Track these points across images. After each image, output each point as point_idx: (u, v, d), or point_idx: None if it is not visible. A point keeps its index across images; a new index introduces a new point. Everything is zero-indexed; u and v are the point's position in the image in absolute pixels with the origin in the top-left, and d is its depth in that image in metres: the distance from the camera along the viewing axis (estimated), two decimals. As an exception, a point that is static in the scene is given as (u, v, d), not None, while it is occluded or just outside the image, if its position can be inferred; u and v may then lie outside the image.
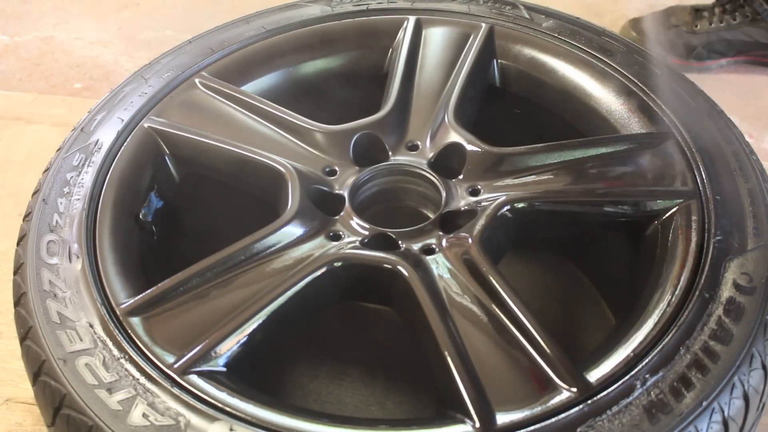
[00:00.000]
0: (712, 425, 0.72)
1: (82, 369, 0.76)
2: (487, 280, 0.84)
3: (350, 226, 0.92)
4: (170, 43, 1.18)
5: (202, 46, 1.13)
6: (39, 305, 0.82)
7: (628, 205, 0.93)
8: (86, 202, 0.91)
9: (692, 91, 1.03)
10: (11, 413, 1.06)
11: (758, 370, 0.77)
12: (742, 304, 0.80)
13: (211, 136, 1.00)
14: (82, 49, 1.93)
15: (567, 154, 0.97)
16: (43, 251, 0.87)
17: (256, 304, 0.82)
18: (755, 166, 0.94)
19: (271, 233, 0.89)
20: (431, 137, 1.03)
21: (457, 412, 0.74)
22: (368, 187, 1.00)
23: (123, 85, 1.08)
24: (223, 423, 0.72)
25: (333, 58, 1.17)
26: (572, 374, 0.75)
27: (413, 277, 0.84)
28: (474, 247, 0.87)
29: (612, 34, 1.13)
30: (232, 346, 0.80)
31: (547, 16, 1.16)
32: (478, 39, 1.12)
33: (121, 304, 0.82)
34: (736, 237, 0.86)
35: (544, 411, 0.73)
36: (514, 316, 0.80)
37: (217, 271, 0.86)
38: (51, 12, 2.06)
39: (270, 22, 1.17)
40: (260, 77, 1.13)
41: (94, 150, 0.98)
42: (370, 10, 1.19)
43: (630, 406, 0.72)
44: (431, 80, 1.10)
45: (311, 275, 0.85)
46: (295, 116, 1.03)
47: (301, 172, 0.96)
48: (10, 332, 0.96)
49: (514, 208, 0.92)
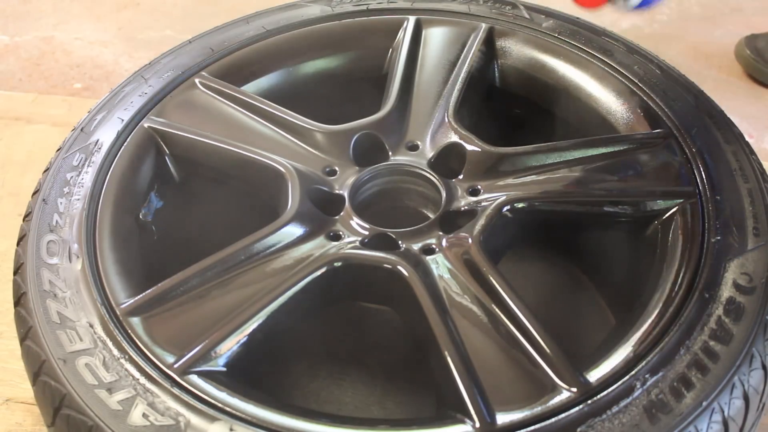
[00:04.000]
0: (712, 425, 0.72)
1: (82, 369, 0.76)
2: (487, 280, 0.84)
3: (350, 226, 0.92)
4: (170, 43, 1.18)
5: (202, 46, 1.13)
6: (39, 305, 0.82)
7: (628, 205, 0.93)
8: (86, 202, 0.91)
9: (692, 91, 1.04)
10: (11, 413, 1.06)
11: (758, 370, 0.77)
12: (742, 304, 0.80)
13: (211, 136, 1.00)
14: (82, 49, 1.93)
15: (567, 154, 0.97)
16: (43, 251, 0.87)
17: (256, 304, 0.82)
18: (755, 166, 0.94)
19: (271, 233, 0.89)
20: (431, 137, 1.03)
21: (457, 412, 0.74)
22: (368, 187, 1.00)
23: (123, 85, 1.08)
24: (223, 423, 0.72)
25: (333, 58, 1.17)
26: (572, 374, 0.75)
27: (413, 277, 0.84)
28: (474, 247, 0.87)
29: (612, 34, 1.14)
30: (232, 346, 0.80)
31: (547, 16, 1.16)
32: (478, 39, 1.12)
33: (121, 304, 0.82)
34: (736, 237, 0.86)
35: (544, 411, 0.73)
36: (514, 316, 0.80)
37: (217, 271, 0.86)
38: (51, 12, 2.06)
39: (270, 22, 1.17)
40: (260, 77, 1.13)
41: (94, 150, 0.98)
42: (370, 10, 1.19)
43: (630, 406, 0.72)
44: (431, 80, 1.10)
45: (311, 275, 0.85)
46: (295, 116, 1.03)
47: (301, 172, 0.96)
48: (10, 332, 0.96)
49: (514, 208, 0.92)
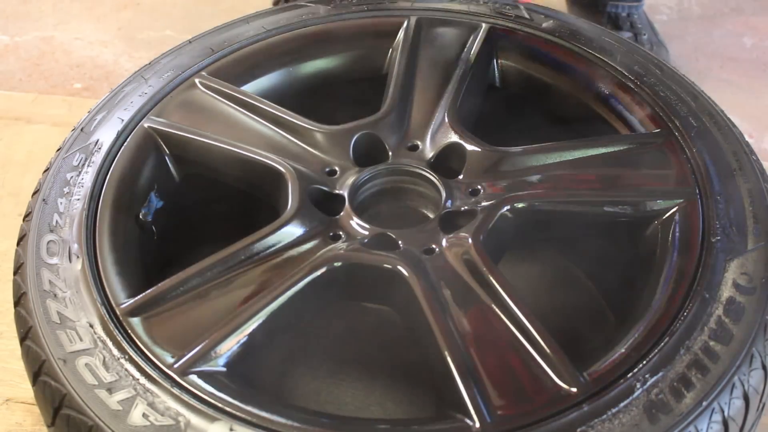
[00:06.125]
0: (712, 425, 0.72)
1: (82, 369, 0.76)
2: (487, 280, 0.84)
3: (350, 227, 0.92)
4: (170, 43, 1.18)
5: (202, 46, 1.13)
6: (39, 305, 0.82)
7: (628, 205, 0.93)
8: (86, 202, 0.91)
9: (692, 91, 1.04)
10: (11, 413, 1.06)
11: (758, 370, 0.77)
12: (742, 304, 0.80)
13: (211, 136, 1.00)
14: (82, 49, 1.93)
15: (567, 154, 0.97)
16: (43, 251, 0.87)
17: (256, 304, 0.82)
18: (755, 166, 0.94)
19: (271, 233, 0.89)
20: (431, 137, 1.03)
21: (457, 412, 0.74)
22: (368, 187, 1.00)
23: (123, 85, 1.08)
24: (223, 423, 0.72)
25: (333, 58, 1.17)
26: (572, 374, 0.75)
27: (413, 277, 0.84)
28: (474, 247, 0.87)
29: (612, 34, 1.14)
30: (232, 346, 0.80)
31: (547, 16, 1.16)
32: (478, 39, 1.12)
33: (121, 304, 0.82)
34: (736, 237, 0.86)
35: (544, 411, 0.73)
36: (514, 316, 0.80)
37: (217, 271, 0.86)
38: (51, 12, 2.06)
39: (270, 22, 1.17)
40: (260, 77, 1.13)
41: (94, 150, 0.98)
42: (370, 10, 1.19)
43: (630, 406, 0.72)
44: (431, 80, 1.09)
45: (311, 275, 0.85)
46: (294, 116, 1.03)
47: (301, 172, 0.96)
48: (10, 332, 0.96)
49: (514, 208, 0.92)
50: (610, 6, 1.79)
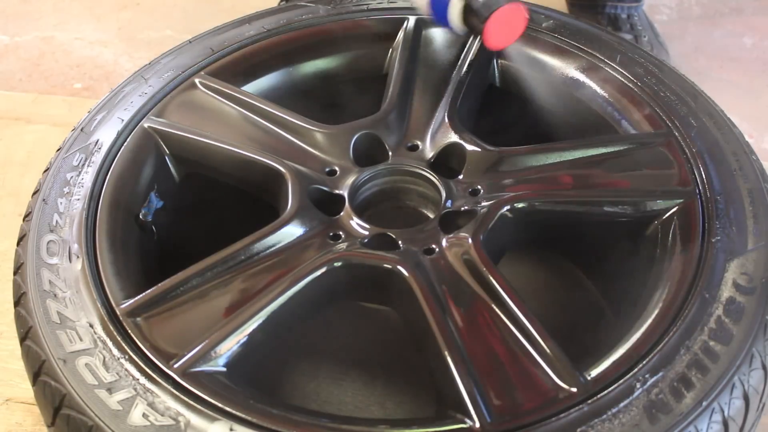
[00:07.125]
0: (712, 425, 0.72)
1: (82, 369, 0.76)
2: (487, 280, 0.84)
3: (350, 227, 0.92)
4: (170, 43, 1.18)
5: (202, 46, 1.13)
6: (39, 305, 0.82)
7: (628, 205, 0.93)
8: (86, 202, 0.91)
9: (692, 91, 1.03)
10: (11, 413, 1.06)
11: (758, 370, 0.77)
12: (742, 304, 0.80)
13: (211, 136, 1.00)
14: (82, 49, 1.93)
15: (567, 154, 0.97)
16: (43, 251, 0.87)
17: (256, 304, 0.82)
18: (755, 166, 0.94)
19: (271, 233, 0.89)
20: (431, 137, 1.03)
21: (457, 412, 0.74)
22: (368, 187, 1.00)
23: (123, 85, 1.08)
24: (223, 423, 0.72)
25: (333, 58, 1.17)
26: (572, 374, 0.75)
27: (413, 277, 0.84)
28: (474, 247, 0.87)
29: (612, 34, 1.13)
30: (232, 346, 0.80)
31: (547, 16, 1.16)
32: (478, 39, 1.12)
33: (121, 304, 0.82)
34: (736, 237, 0.86)
35: (544, 411, 0.73)
36: (514, 316, 0.80)
37: (217, 271, 0.86)
38: (51, 12, 2.06)
39: (270, 22, 1.17)
40: (260, 77, 1.13)
41: (94, 150, 0.98)
42: (370, 10, 1.19)
43: (630, 406, 0.72)
44: (431, 80, 1.10)
45: (311, 275, 0.85)
46: (294, 116, 1.03)
47: (301, 172, 0.96)
48: (10, 332, 0.96)
49: (514, 208, 0.92)
50: (610, 7, 1.78)
